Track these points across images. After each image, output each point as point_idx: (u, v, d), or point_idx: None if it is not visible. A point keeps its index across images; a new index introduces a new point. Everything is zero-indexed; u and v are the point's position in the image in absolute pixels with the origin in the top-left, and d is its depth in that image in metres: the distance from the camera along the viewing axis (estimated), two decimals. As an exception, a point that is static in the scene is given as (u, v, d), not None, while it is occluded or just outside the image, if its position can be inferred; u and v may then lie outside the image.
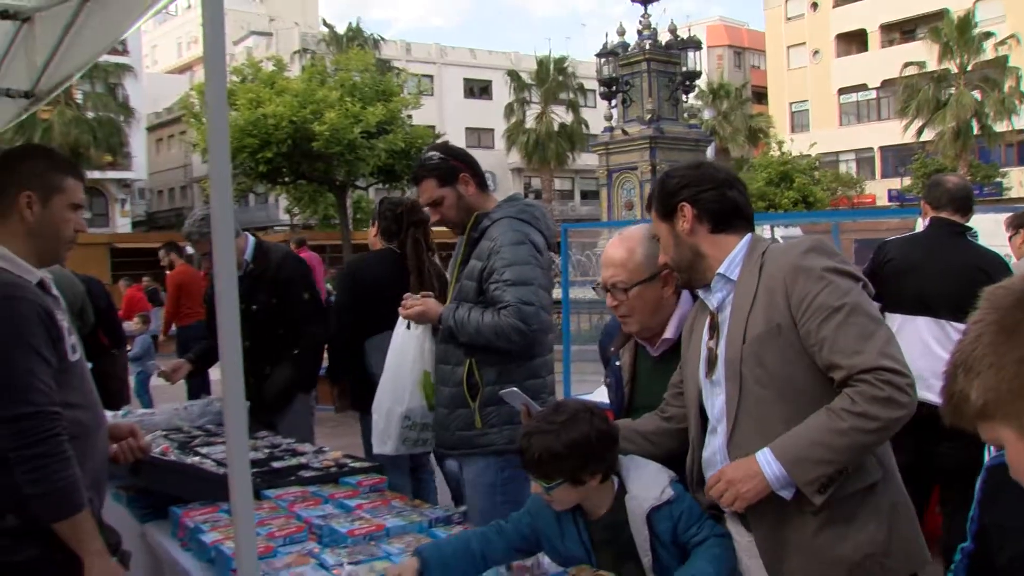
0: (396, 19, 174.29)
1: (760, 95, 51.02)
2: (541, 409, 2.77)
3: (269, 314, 4.70)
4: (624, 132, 16.24)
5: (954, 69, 35.62)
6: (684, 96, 17.21)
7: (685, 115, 17.39)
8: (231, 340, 1.84)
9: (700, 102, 41.50)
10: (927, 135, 35.99)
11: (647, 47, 16.31)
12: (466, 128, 46.76)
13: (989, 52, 35.42)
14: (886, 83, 41.61)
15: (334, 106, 25.63)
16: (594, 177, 20.99)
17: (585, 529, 2.39)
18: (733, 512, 2.28)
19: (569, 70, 43.08)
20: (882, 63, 41.63)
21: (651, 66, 16.21)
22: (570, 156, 42.98)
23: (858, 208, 37.33)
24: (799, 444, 2.09)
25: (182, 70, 53.10)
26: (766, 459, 2.12)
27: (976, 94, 35.14)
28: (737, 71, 54.23)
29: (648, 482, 2.36)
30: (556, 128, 42.67)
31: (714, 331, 2.35)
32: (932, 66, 36.04)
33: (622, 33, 16.99)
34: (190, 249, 6.61)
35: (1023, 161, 38.68)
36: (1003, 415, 1.06)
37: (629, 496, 2.35)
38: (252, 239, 4.91)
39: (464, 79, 50.25)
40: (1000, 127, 35.21)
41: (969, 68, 35.44)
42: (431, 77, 47.53)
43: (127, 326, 10.01)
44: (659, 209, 2.43)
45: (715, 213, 2.34)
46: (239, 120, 24.70)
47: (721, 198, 2.35)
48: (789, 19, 48.49)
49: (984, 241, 4.49)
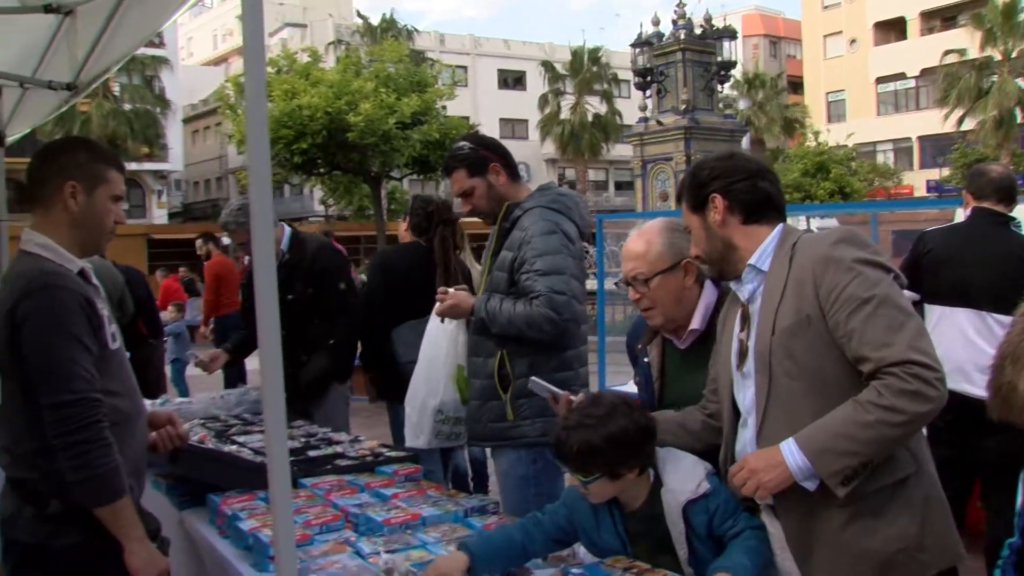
0: (429, 10, 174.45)
1: (796, 85, 50.50)
2: (563, 393, 2.77)
3: (305, 304, 4.72)
4: (659, 122, 16.16)
5: (997, 56, 34.80)
6: (719, 86, 17.12)
7: (720, 105, 17.29)
8: (270, 331, 1.86)
9: (735, 92, 41.17)
10: (968, 124, 35.32)
11: (682, 37, 16.20)
12: (500, 119, 46.75)
13: (1035, 38, 34.71)
14: (925, 72, 40.94)
15: (369, 97, 25.62)
16: (628, 168, 20.93)
17: (621, 521, 2.39)
18: (767, 505, 2.26)
19: (603, 60, 42.81)
20: (921, 51, 40.98)
21: (686, 56, 16.08)
22: (604, 147, 42.78)
23: (895, 199, 36.82)
24: (824, 435, 2.07)
25: (217, 62, 53.60)
26: (790, 449, 2.10)
27: (1020, 82, 34.36)
28: (773, 60, 53.68)
29: (684, 475, 2.35)
30: (590, 119, 42.46)
31: (745, 323, 2.33)
32: (974, 53, 35.27)
33: (657, 23, 16.91)
34: (226, 239, 6.68)
35: (1067, 151, 37.95)
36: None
37: (665, 489, 2.34)
38: (288, 229, 4.93)
39: (498, 70, 50.28)
40: (1045, 115, 34.51)
41: (1014, 55, 34.65)
42: (465, 68, 47.45)
43: (162, 315, 10.13)
44: (690, 201, 2.41)
45: (747, 204, 2.32)
46: (274, 111, 24.76)
47: (753, 188, 2.33)
48: (826, 7, 47.90)
49: (1028, 231, 4.40)
